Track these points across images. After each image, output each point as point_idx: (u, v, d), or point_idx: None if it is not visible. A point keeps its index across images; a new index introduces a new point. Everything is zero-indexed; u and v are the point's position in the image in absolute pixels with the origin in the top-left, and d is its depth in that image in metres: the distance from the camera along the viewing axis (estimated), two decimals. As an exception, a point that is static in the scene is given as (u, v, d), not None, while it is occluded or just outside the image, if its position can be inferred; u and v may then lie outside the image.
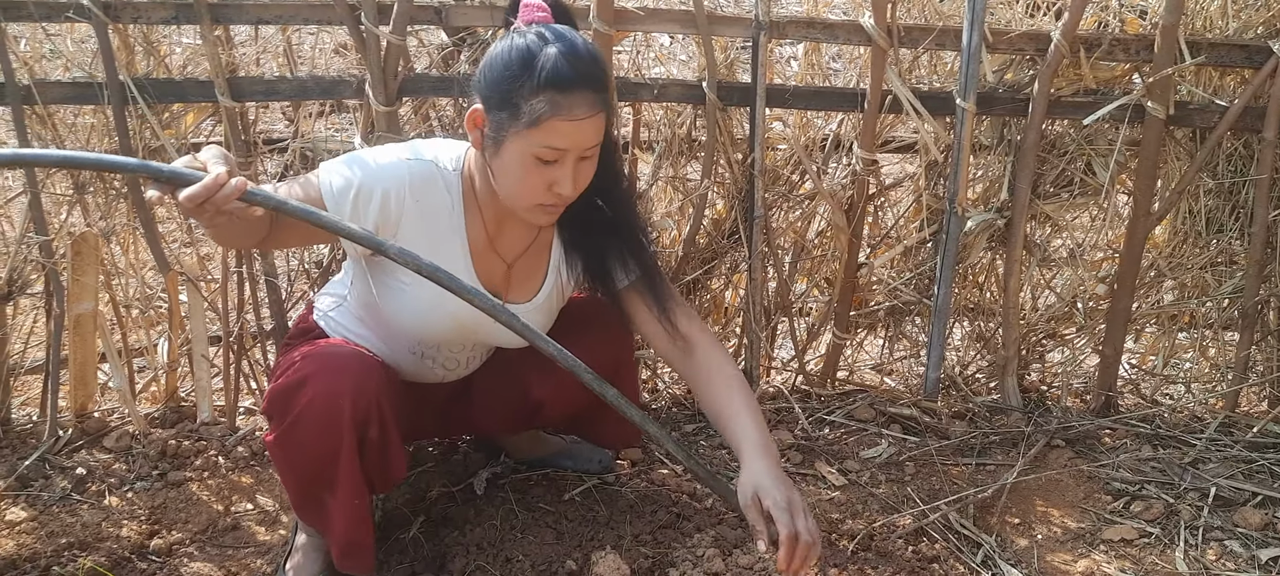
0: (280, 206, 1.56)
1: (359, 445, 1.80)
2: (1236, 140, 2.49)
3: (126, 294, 2.58)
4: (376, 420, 1.81)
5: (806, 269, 2.76)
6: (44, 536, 2.17)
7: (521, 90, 1.62)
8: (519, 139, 1.64)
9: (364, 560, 1.91)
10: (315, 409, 1.77)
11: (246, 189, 1.49)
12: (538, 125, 1.62)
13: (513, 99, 1.63)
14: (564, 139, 1.64)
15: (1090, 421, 2.62)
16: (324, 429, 1.78)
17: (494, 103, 1.66)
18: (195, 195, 1.45)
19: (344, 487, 1.82)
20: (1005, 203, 2.52)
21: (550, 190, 1.69)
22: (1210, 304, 2.63)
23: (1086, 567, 2.17)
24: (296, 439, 1.81)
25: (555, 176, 1.68)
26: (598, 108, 1.66)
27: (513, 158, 1.67)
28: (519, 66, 1.62)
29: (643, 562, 2.06)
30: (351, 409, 1.76)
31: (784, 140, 2.61)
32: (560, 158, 1.66)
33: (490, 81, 1.67)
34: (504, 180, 1.72)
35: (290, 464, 1.87)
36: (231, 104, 2.34)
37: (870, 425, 2.65)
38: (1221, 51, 2.37)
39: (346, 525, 1.85)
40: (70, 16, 2.22)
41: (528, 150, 1.65)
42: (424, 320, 1.87)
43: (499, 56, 1.66)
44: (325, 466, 1.82)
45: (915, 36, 2.36)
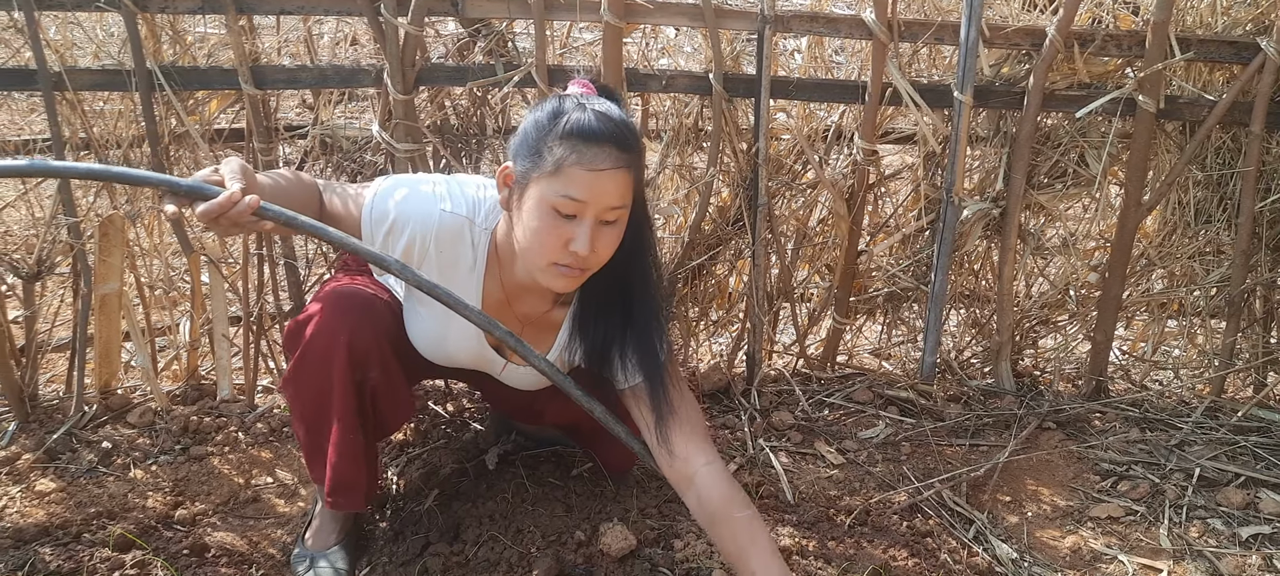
0: (291, 222, 1.62)
1: (358, 386, 1.87)
2: (1224, 133, 2.55)
3: (150, 275, 2.67)
4: (377, 362, 1.87)
5: (808, 255, 2.83)
6: (73, 506, 2.25)
7: (546, 138, 1.64)
8: (539, 185, 1.65)
9: (354, 498, 1.98)
10: (315, 346, 1.85)
11: (259, 206, 1.55)
12: (559, 171, 1.63)
13: (538, 148, 1.65)
14: (583, 189, 1.63)
15: (1081, 405, 2.70)
16: (321, 367, 1.85)
17: (522, 154, 1.69)
18: (210, 211, 1.53)
19: (338, 425, 1.89)
20: (1000, 193, 2.59)
21: (566, 248, 1.67)
22: (1198, 292, 2.71)
23: (1074, 543, 2.25)
24: (301, 375, 1.89)
25: (572, 232, 1.66)
26: (621, 164, 1.65)
27: (532, 206, 1.67)
28: (548, 120, 1.66)
29: (648, 533, 2.14)
30: (349, 348, 1.83)
31: (787, 131, 2.68)
32: (579, 211, 1.65)
33: (521, 137, 1.70)
34: (522, 232, 1.70)
35: (298, 401, 1.94)
36: (254, 91, 2.42)
37: (868, 407, 2.73)
38: (1210, 48, 2.43)
39: (337, 460, 1.92)
40: (100, 6, 2.30)
41: (547, 199, 1.64)
42: (428, 349, 1.97)
43: (532, 116, 1.70)
44: (323, 405, 1.89)
45: (915, 31, 2.42)
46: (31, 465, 2.37)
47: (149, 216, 2.57)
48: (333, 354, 1.84)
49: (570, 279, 1.72)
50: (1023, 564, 2.19)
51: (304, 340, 1.86)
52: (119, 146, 2.44)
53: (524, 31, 2.62)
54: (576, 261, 1.68)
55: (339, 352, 1.83)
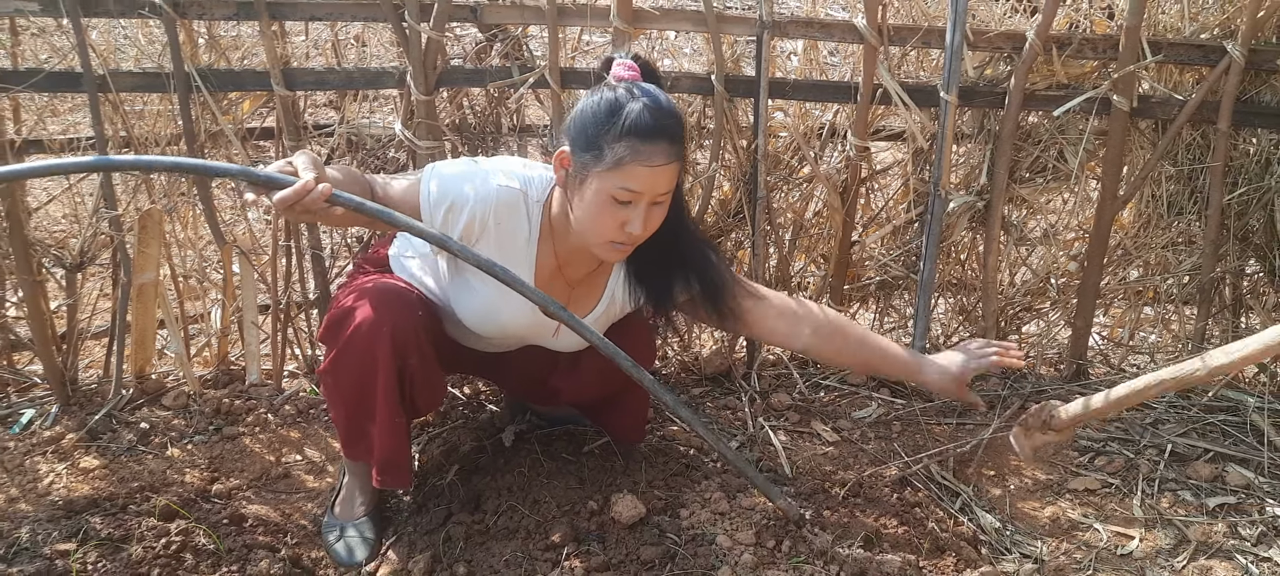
0: (360, 208, 1.79)
1: (399, 373, 2.02)
2: (1194, 131, 2.69)
3: (185, 265, 2.82)
4: (416, 350, 2.02)
5: (804, 246, 2.98)
6: (116, 481, 2.40)
7: (607, 135, 1.82)
8: (600, 178, 1.84)
9: (401, 476, 2.15)
10: (359, 338, 2.00)
11: (331, 193, 1.72)
12: (619, 167, 1.81)
13: (598, 143, 1.83)
14: (640, 182, 1.83)
15: (1062, 386, 2.86)
16: (365, 356, 2.00)
17: (581, 145, 1.86)
18: (287, 198, 1.68)
19: (382, 410, 2.05)
20: (985, 186, 2.75)
21: (622, 229, 1.88)
22: (1171, 280, 2.86)
23: (1053, 513, 2.41)
24: (343, 365, 2.04)
25: (628, 216, 1.86)
26: (673, 158, 1.85)
27: (592, 195, 1.86)
28: (606, 115, 1.83)
29: (656, 503, 2.29)
30: (392, 339, 1.98)
31: (785, 128, 2.83)
32: (635, 199, 1.85)
33: (579, 126, 1.87)
34: (582, 216, 1.90)
35: (339, 390, 2.09)
36: (285, 93, 2.58)
37: (862, 389, 2.89)
38: (1180, 50, 2.58)
39: (385, 444, 2.08)
40: (142, 13, 2.45)
41: (606, 189, 1.84)
42: (480, 323, 2.12)
43: (589, 106, 1.87)
44: (367, 392, 2.04)
45: (903, 35, 2.57)
46: (75, 444, 2.53)
47: (184, 210, 2.72)
48: (377, 343, 1.98)
49: (623, 251, 1.96)
50: (1005, 532, 2.35)
51: (348, 331, 2.00)
52: (158, 144, 2.59)
53: (538, 36, 2.77)
54: (631, 240, 1.91)
55: (383, 342, 1.98)
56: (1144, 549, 2.30)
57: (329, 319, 2.10)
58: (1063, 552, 2.30)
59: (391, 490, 2.37)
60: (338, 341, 2.04)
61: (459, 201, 1.95)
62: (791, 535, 2.15)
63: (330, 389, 2.13)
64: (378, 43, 2.88)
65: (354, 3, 2.55)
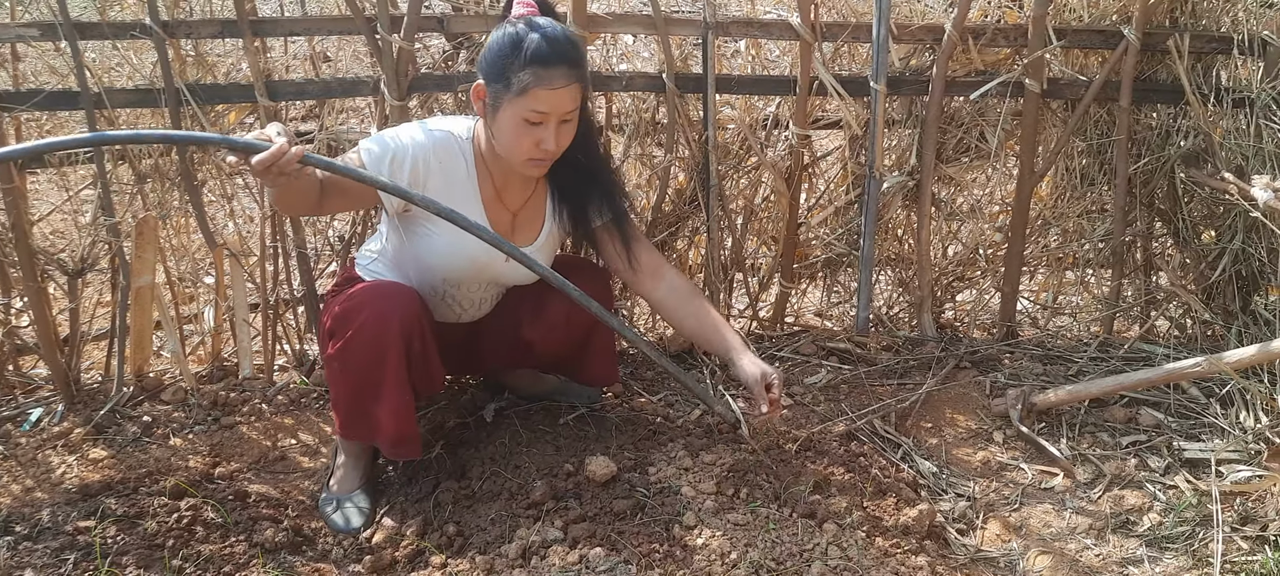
0: (330, 166, 2.04)
1: (406, 354, 2.25)
2: (1100, 108, 2.95)
3: (179, 269, 3.01)
4: (419, 334, 2.26)
5: (755, 229, 3.21)
6: (124, 469, 2.58)
7: (512, 66, 2.08)
8: (511, 105, 2.11)
9: (413, 448, 2.37)
10: (370, 325, 2.22)
11: (304, 154, 1.95)
12: (525, 93, 2.08)
13: (506, 74, 2.10)
14: (545, 104, 2.09)
15: (993, 347, 3.13)
16: (376, 340, 2.22)
17: (492, 77, 2.14)
18: (265, 160, 1.90)
19: (392, 389, 2.27)
20: (915, 167, 3.00)
21: (538, 147, 2.15)
22: (1088, 246, 3.14)
23: (984, 457, 2.67)
24: (354, 348, 2.25)
25: (541, 135, 2.14)
26: (573, 79, 2.11)
27: (507, 121, 2.14)
28: (510, 48, 2.10)
29: (626, 462, 2.49)
30: (399, 324, 2.22)
31: (732, 121, 3.05)
32: (544, 120, 2.12)
33: (489, 61, 2.15)
34: (501, 139, 2.18)
35: (345, 373, 2.30)
36: (269, 103, 2.77)
37: (813, 358, 3.12)
38: (1083, 36, 2.84)
39: (396, 421, 2.30)
40: (135, 34, 2.65)
41: (518, 114, 2.11)
42: (447, 259, 2.34)
43: (495, 42, 2.14)
44: (375, 373, 2.26)
45: (835, 32, 2.82)
46: (83, 438, 2.70)
47: (177, 216, 2.91)
48: (387, 329, 2.21)
49: (542, 166, 2.24)
50: (941, 475, 2.61)
51: (359, 320, 2.23)
52: (151, 156, 2.78)
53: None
54: (547, 155, 2.19)
55: (392, 327, 2.21)
56: (1065, 484, 2.56)
57: (337, 314, 2.29)
58: (993, 490, 2.55)
59: (391, 461, 2.57)
60: (347, 329, 2.25)
61: (399, 152, 2.20)
62: (748, 482, 2.38)
63: (336, 374, 2.33)
64: (348, 55, 3.09)
65: (330, 18, 2.76)
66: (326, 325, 2.34)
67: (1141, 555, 2.29)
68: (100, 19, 2.66)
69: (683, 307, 2.48)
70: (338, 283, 2.52)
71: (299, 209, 2.24)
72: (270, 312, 3.01)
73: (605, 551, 2.13)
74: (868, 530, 2.23)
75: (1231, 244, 2.83)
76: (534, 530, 2.22)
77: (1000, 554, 2.32)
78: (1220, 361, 2.43)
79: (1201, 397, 2.79)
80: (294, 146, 1.93)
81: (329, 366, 2.35)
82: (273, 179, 1.95)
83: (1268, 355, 2.34)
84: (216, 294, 2.99)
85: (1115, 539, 2.35)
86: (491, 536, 2.25)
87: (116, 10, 2.73)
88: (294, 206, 2.30)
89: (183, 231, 2.96)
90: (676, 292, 2.49)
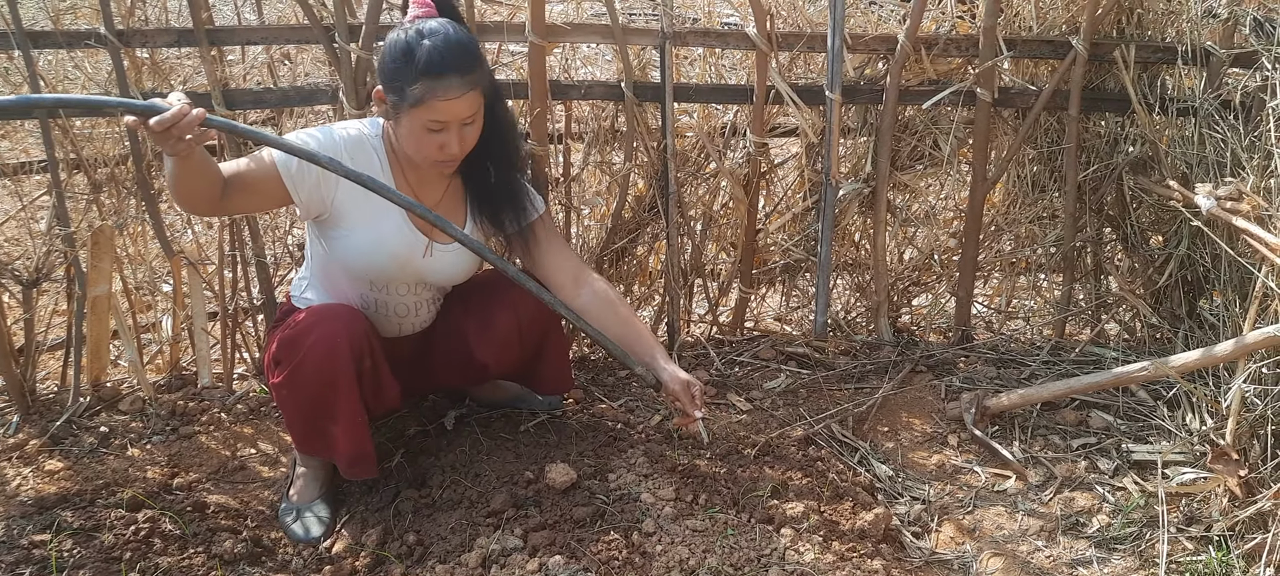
0: (234, 129, 2.02)
1: (356, 373, 2.24)
2: (1050, 116, 3.00)
3: (135, 278, 2.99)
4: (368, 352, 2.26)
5: (715, 235, 3.23)
6: (81, 480, 2.56)
7: (405, 77, 2.06)
8: (409, 116, 2.11)
9: (368, 466, 2.37)
10: (318, 349, 2.21)
11: (205, 117, 1.88)
12: (421, 105, 2.07)
13: (400, 85, 2.09)
14: (443, 114, 2.09)
15: (948, 351, 3.18)
16: (326, 363, 2.21)
17: (388, 87, 2.14)
18: (164, 120, 1.82)
19: (345, 410, 2.26)
20: (870, 174, 3.04)
21: (442, 150, 2.16)
22: (1040, 251, 3.20)
23: (939, 461, 2.71)
24: (303, 376, 2.24)
25: (443, 140, 2.14)
26: (468, 87, 2.09)
27: (407, 129, 2.14)
28: (402, 59, 2.08)
29: (587, 470, 2.52)
30: (348, 345, 2.21)
31: (691, 129, 3.08)
32: (444, 127, 2.12)
33: (384, 69, 2.14)
34: (406, 144, 2.18)
35: (296, 399, 2.29)
36: (227, 111, 2.76)
37: (772, 363, 3.16)
38: (1032, 46, 2.89)
39: (351, 441, 2.30)
40: (89, 44, 2.63)
41: (418, 123, 2.11)
42: (369, 257, 2.31)
43: (388, 51, 2.13)
44: (328, 396, 2.25)
45: (790, 41, 2.85)
46: (38, 449, 2.68)
47: (134, 226, 2.90)
48: (336, 351, 2.20)
49: (451, 166, 2.24)
50: (897, 479, 2.66)
51: (306, 344, 2.21)
52: (107, 165, 2.76)
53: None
54: (452, 157, 2.20)
55: (341, 348, 2.20)
56: (1018, 486, 2.61)
57: (282, 340, 2.28)
58: (947, 493, 2.60)
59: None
60: (295, 355, 2.23)
61: (314, 147, 2.15)
62: (707, 488, 2.41)
63: (286, 399, 2.32)
64: (308, 61, 3.08)
65: (287, 27, 2.75)
66: (271, 353, 2.32)
67: (1091, 556, 2.34)
68: (54, 27, 2.64)
69: (604, 315, 2.39)
70: (276, 320, 2.51)
71: (199, 199, 2.07)
72: (229, 321, 3.00)
73: (565, 559, 2.15)
74: (825, 534, 2.27)
75: (1177, 249, 2.90)
76: (494, 538, 2.24)
77: (954, 556, 2.37)
78: (1166, 365, 2.49)
79: (1149, 400, 2.86)
80: (195, 110, 1.86)
81: (277, 393, 2.34)
82: (173, 145, 1.85)
83: (1212, 359, 2.40)
84: (174, 302, 2.97)
85: (1066, 540, 2.41)
86: (452, 545, 2.27)
87: (70, 19, 2.71)
88: (193, 194, 2.07)
89: (140, 239, 2.94)
90: (598, 299, 2.41)
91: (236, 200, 2.16)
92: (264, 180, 2.16)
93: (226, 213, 2.64)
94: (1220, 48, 2.76)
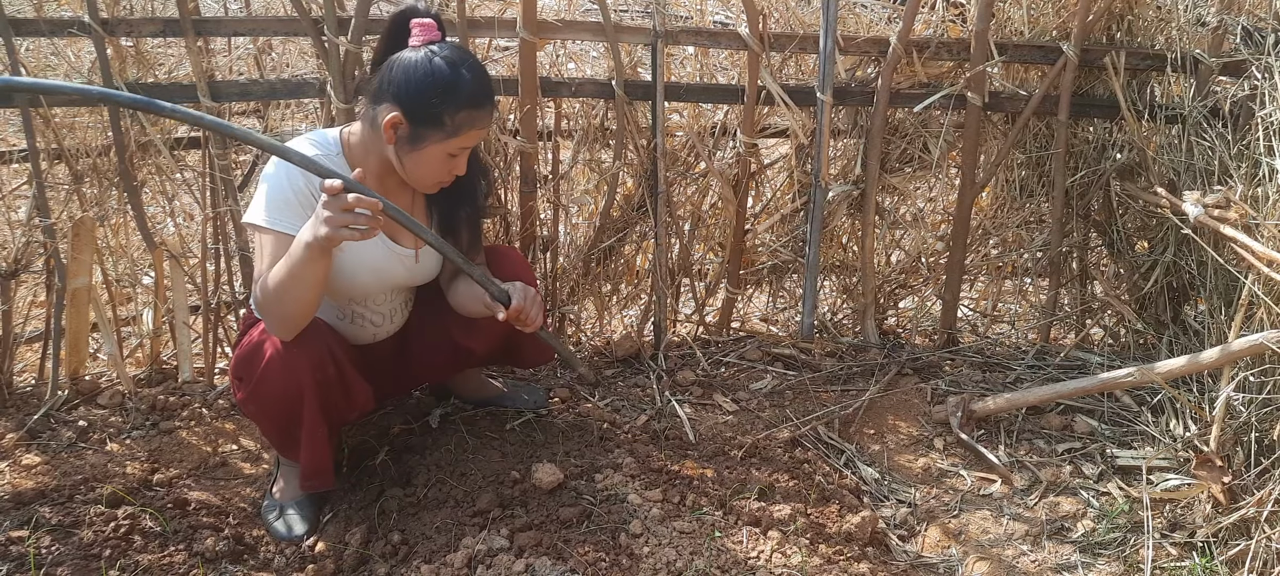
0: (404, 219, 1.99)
1: (318, 386, 2.20)
2: (1039, 121, 3.01)
3: (116, 270, 2.94)
4: (330, 360, 2.21)
5: (703, 235, 3.23)
6: (59, 475, 2.52)
7: (447, 108, 2.09)
8: (439, 144, 2.13)
9: (325, 480, 2.34)
10: (274, 366, 2.17)
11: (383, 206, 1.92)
12: (458, 134, 2.12)
13: (439, 116, 2.09)
14: (471, 142, 2.17)
15: (934, 354, 3.19)
16: (284, 380, 2.17)
17: (417, 115, 2.10)
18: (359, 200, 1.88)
19: (307, 424, 2.23)
20: (859, 176, 3.05)
21: (450, 173, 2.21)
22: (1026, 255, 3.22)
23: (925, 464, 2.72)
24: (263, 394, 2.21)
25: (457, 164, 2.20)
26: (493, 113, 2.22)
27: (430, 155, 2.14)
28: (445, 91, 2.08)
29: (574, 470, 2.50)
30: (305, 359, 2.16)
31: (681, 128, 3.07)
32: (463, 153, 2.19)
33: (413, 98, 2.09)
34: (418, 170, 2.17)
35: (263, 414, 2.28)
36: (212, 104, 2.73)
37: (758, 364, 3.15)
38: (1023, 51, 2.90)
39: (309, 455, 2.28)
40: (73, 32, 2.59)
41: (446, 150, 2.14)
42: (352, 277, 2.26)
43: (422, 80, 2.08)
44: (292, 409, 2.22)
45: (782, 42, 2.84)
46: (15, 443, 2.63)
47: (115, 218, 2.85)
48: (293, 366, 2.16)
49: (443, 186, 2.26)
50: (883, 482, 2.66)
51: (263, 361, 2.17)
52: (89, 155, 2.72)
53: (450, 46, 2.97)
54: (453, 179, 2.24)
55: (298, 362, 2.16)
56: (1003, 490, 2.62)
57: (239, 359, 2.25)
58: (933, 497, 2.60)
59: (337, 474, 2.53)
60: (253, 373, 2.20)
61: (275, 192, 2.12)
62: (695, 490, 2.40)
63: (253, 414, 2.32)
64: (294, 53, 3.04)
65: (275, 19, 2.72)
66: (232, 369, 2.30)
67: (1076, 561, 2.35)
68: (36, 15, 2.59)
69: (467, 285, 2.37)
70: (241, 328, 2.47)
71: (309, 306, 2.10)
72: (211, 315, 2.96)
73: (552, 560, 2.14)
74: (811, 537, 2.26)
75: (1163, 256, 2.92)
76: (480, 538, 2.22)
77: (940, 560, 2.37)
78: (1152, 371, 2.50)
79: (1134, 406, 2.87)
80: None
81: (244, 409, 2.33)
82: (344, 229, 1.90)
83: (1196, 366, 2.42)
84: (155, 295, 2.93)
85: (1050, 545, 2.41)
86: (437, 544, 2.25)
87: (53, 6, 2.66)
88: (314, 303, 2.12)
89: (121, 231, 2.90)
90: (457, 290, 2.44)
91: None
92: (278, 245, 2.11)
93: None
94: (1209, 56, 2.77)
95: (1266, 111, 2.49)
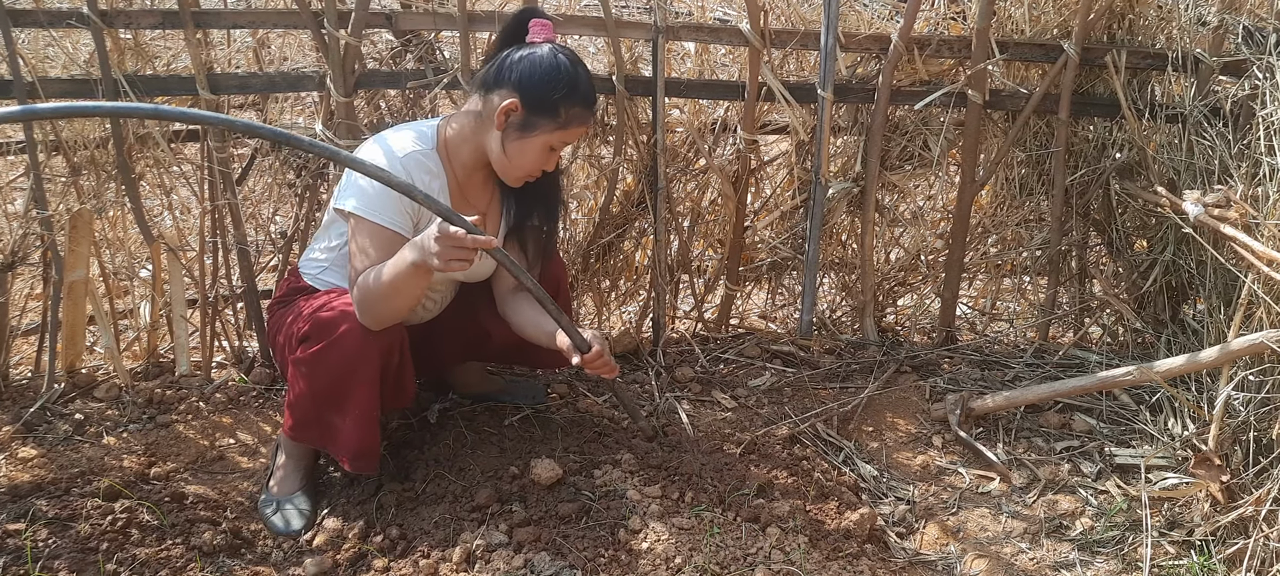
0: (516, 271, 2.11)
1: (381, 370, 2.22)
2: (1040, 120, 3.01)
3: (114, 263, 2.93)
4: (397, 349, 2.25)
5: (702, 232, 3.23)
6: (55, 469, 2.51)
7: (564, 101, 2.18)
8: (549, 134, 2.20)
9: (372, 463, 2.34)
10: (350, 338, 2.18)
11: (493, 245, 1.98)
12: (567, 127, 2.21)
13: (555, 106, 2.17)
14: (575, 137, 2.28)
15: (933, 351, 3.18)
16: (354, 355, 2.19)
17: (535, 104, 2.17)
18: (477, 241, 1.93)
19: (361, 404, 2.23)
20: (859, 174, 3.04)
21: (542, 167, 2.28)
22: (1025, 254, 3.22)
23: (923, 462, 2.72)
24: (328, 358, 2.20)
25: (555, 157, 2.29)
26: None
27: (536, 144, 2.21)
28: (564, 84, 2.17)
29: (572, 465, 2.49)
30: (379, 342, 2.19)
31: (681, 124, 3.07)
32: (562, 148, 2.28)
33: (535, 87, 2.17)
34: (519, 157, 2.23)
35: (314, 377, 2.24)
36: (210, 97, 2.71)
37: (757, 360, 3.16)
38: (1024, 49, 2.90)
39: (360, 435, 2.27)
40: (71, 23, 2.57)
41: (551, 141, 2.22)
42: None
43: (545, 72, 2.17)
44: (346, 386, 2.22)
45: (783, 39, 2.84)
46: (11, 436, 2.62)
47: (113, 210, 2.84)
48: (367, 344, 2.18)
49: (529, 179, 2.32)
50: (882, 479, 2.66)
51: (340, 330, 2.18)
52: (86, 147, 2.71)
53: (450, 40, 2.96)
54: (540, 173, 2.30)
55: (372, 344, 2.18)
56: (1001, 488, 2.62)
57: (318, 319, 2.23)
58: (932, 494, 2.61)
59: (333, 462, 2.54)
60: (325, 336, 2.20)
61: (371, 182, 2.16)
62: (694, 486, 2.40)
63: (303, 377, 2.27)
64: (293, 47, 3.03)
65: (274, 11, 2.71)
66: (302, 329, 2.27)
67: (1074, 559, 2.35)
68: (35, 6, 2.58)
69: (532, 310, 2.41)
70: (283, 295, 2.47)
71: (404, 314, 2.20)
72: (208, 308, 2.95)
73: (550, 555, 2.14)
74: (810, 534, 2.26)
75: (1162, 255, 2.92)
76: (478, 533, 2.22)
77: (938, 557, 2.37)
78: (1150, 370, 2.50)
79: (1132, 404, 2.87)
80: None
81: (294, 367, 2.28)
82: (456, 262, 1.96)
83: (1196, 365, 2.42)
84: (153, 288, 2.92)
85: (1049, 543, 2.41)
86: (435, 539, 2.25)
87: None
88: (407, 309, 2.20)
89: (119, 224, 2.89)
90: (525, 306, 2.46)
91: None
92: (385, 236, 2.18)
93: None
94: (1210, 55, 2.77)
95: (1267, 111, 2.49)
